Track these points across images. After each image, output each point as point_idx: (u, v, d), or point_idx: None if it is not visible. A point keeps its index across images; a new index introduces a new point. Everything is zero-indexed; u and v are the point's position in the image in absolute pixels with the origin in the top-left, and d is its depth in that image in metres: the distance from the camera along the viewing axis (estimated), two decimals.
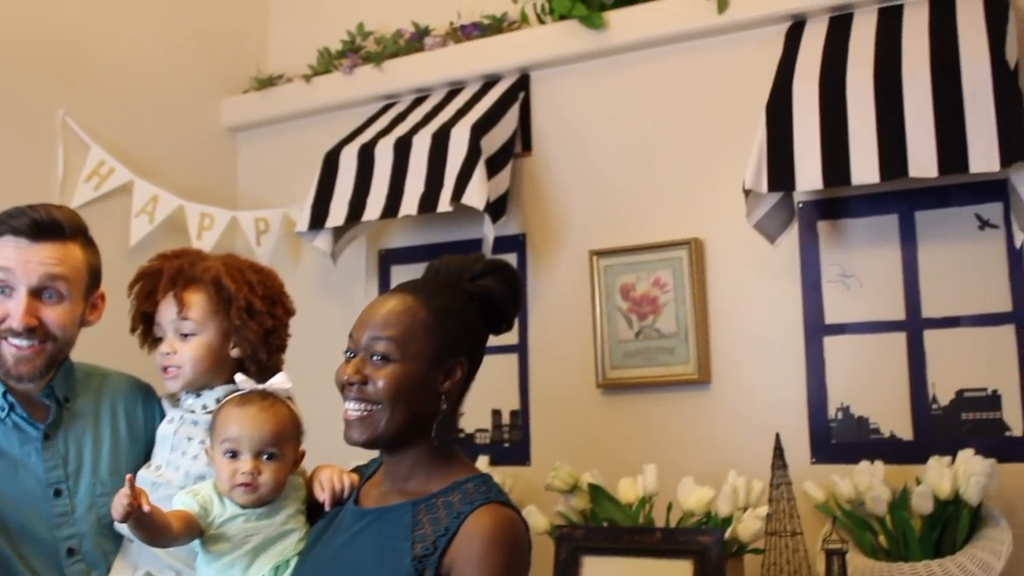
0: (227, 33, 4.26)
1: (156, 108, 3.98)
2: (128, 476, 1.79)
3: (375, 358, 1.74)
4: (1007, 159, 2.65)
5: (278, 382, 1.96)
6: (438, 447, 1.76)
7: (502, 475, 3.37)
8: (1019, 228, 2.82)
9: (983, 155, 2.68)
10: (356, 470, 1.98)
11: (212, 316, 2.12)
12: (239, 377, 1.97)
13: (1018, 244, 2.87)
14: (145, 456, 2.14)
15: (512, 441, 3.60)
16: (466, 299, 1.81)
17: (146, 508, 1.75)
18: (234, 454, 1.89)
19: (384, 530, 1.73)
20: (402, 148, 3.51)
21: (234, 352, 2.12)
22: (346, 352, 1.79)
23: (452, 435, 1.80)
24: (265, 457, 1.89)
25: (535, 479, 3.39)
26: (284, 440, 1.91)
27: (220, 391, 2.05)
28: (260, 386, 1.95)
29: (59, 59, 3.66)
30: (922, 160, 2.74)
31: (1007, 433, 2.94)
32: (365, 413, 1.73)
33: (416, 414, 1.74)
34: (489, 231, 3.36)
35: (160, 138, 3.98)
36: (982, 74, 2.74)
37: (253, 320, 2.12)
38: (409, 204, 3.41)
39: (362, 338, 1.76)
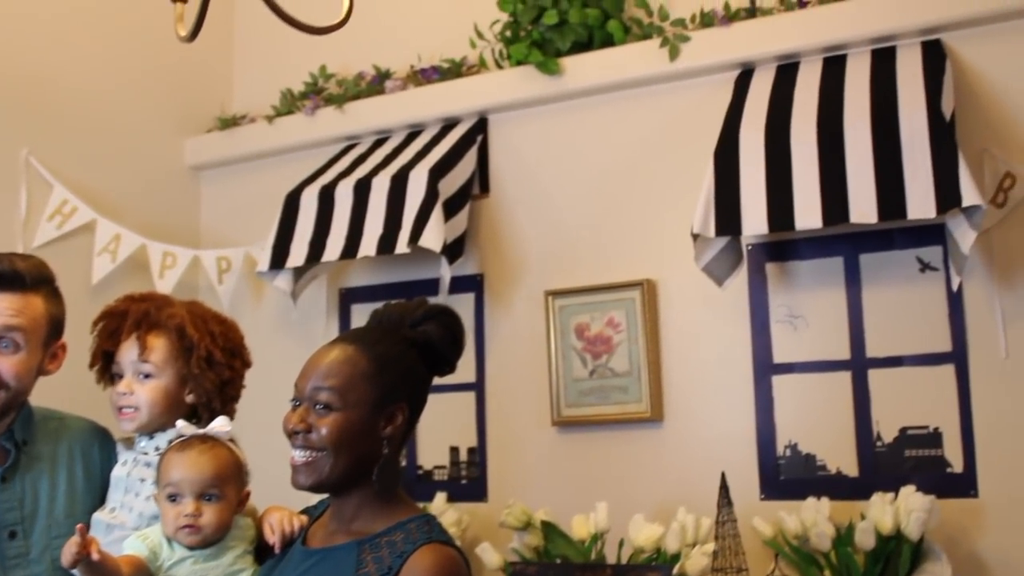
0: (191, 73, 4.30)
1: (120, 147, 4.03)
2: (79, 525, 1.83)
3: (318, 407, 1.80)
4: (942, 206, 2.75)
5: (218, 425, 2.02)
6: (377, 489, 1.82)
7: (459, 511, 3.43)
8: (956, 272, 2.92)
9: (920, 202, 2.78)
10: (305, 511, 2.03)
11: (172, 361, 2.17)
12: (180, 423, 2.02)
13: (955, 287, 2.97)
14: (101, 499, 2.17)
15: (469, 478, 3.65)
16: (406, 346, 1.87)
17: (95, 557, 1.79)
18: (176, 497, 1.93)
19: (330, 569, 1.78)
20: (362, 190, 3.58)
21: (189, 398, 2.17)
22: (292, 401, 1.85)
23: (394, 478, 1.86)
24: (207, 499, 1.93)
25: (492, 515, 3.44)
26: (225, 481, 1.95)
27: (173, 433, 2.10)
28: (200, 431, 2.00)
29: (23, 98, 3.70)
30: (862, 207, 2.83)
31: (948, 469, 3.02)
32: (310, 459, 1.79)
33: (359, 459, 1.80)
34: (446, 272, 3.42)
35: (123, 177, 4.02)
36: (919, 124, 2.84)
37: (211, 370, 2.17)
38: (368, 245, 3.47)
39: (306, 388, 1.82)
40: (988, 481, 2.98)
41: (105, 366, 2.24)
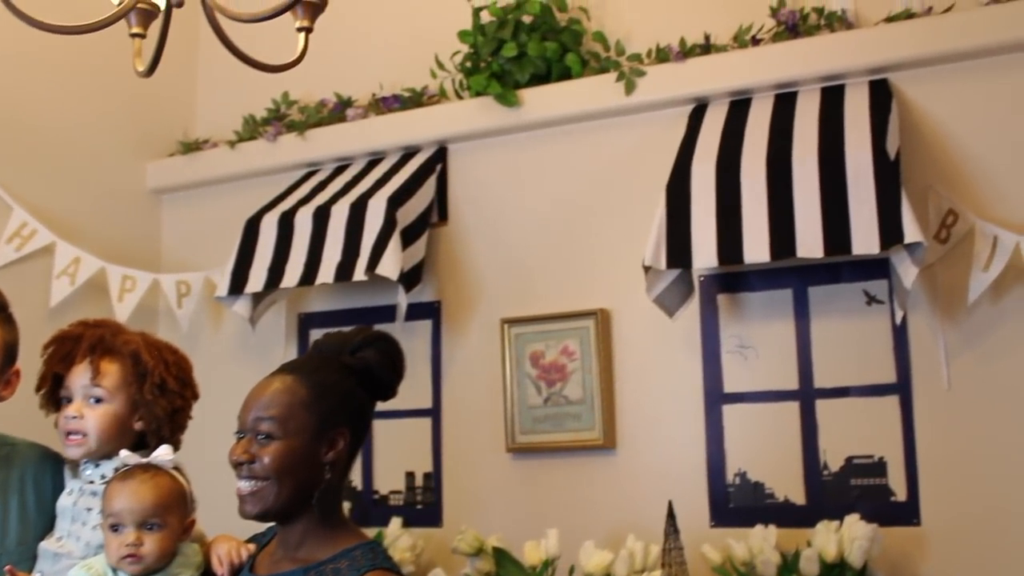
0: (154, 97, 4.31)
1: (80, 170, 4.03)
2: (8, 567, 1.84)
3: (260, 437, 1.84)
4: (886, 242, 2.83)
5: (161, 454, 2.04)
6: (319, 515, 1.86)
7: (414, 536, 3.46)
8: (900, 306, 3.00)
9: (864, 238, 2.85)
10: (253, 539, 2.06)
11: (124, 387, 2.19)
12: (123, 453, 2.04)
13: (898, 320, 3.05)
14: (52, 525, 2.19)
15: (425, 503, 3.68)
16: (345, 373, 1.92)
17: None
18: (118, 527, 1.96)
19: None
20: (321, 217, 3.62)
21: (138, 425, 2.18)
22: (236, 433, 1.88)
23: (334, 503, 1.90)
24: (148, 528, 1.96)
25: (446, 540, 3.46)
26: (166, 510, 1.98)
27: (118, 462, 2.11)
28: (143, 459, 2.02)
29: None
30: (809, 242, 2.90)
31: (892, 498, 3.09)
32: (255, 488, 1.83)
33: (302, 485, 1.84)
34: (402, 300, 3.46)
35: (84, 200, 4.03)
36: (864, 163, 2.92)
37: (164, 397, 2.19)
38: (326, 272, 3.51)
39: (248, 419, 1.86)
40: (930, 510, 3.05)
41: (53, 390, 2.24)
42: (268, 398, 1.86)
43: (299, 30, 2.17)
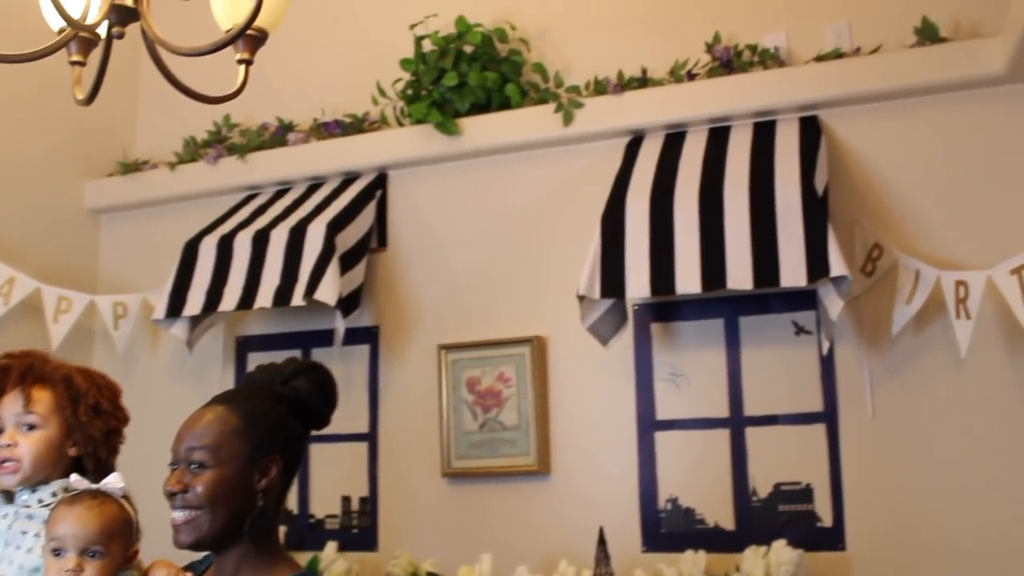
0: (94, 117, 4.23)
1: (17, 188, 4.00)
2: None
3: (193, 466, 1.86)
4: (813, 275, 2.91)
5: (112, 481, 2.04)
6: (253, 543, 1.88)
7: (350, 561, 3.47)
8: (826, 336, 3.09)
9: (792, 271, 2.93)
10: (190, 567, 2.07)
11: (58, 412, 2.19)
12: (74, 477, 2.04)
13: (824, 351, 3.14)
14: None
15: (361, 527, 3.69)
16: (276, 402, 1.95)
17: None
18: (60, 552, 1.95)
19: None
20: (260, 241, 3.63)
21: (72, 450, 2.19)
22: (170, 464, 1.90)
23: (267, 531, 1.92)
24: (90, 555, 1.95)
25: (382, 565, 3.49)
26: (110, 538, 1.97)
27: (55, 485, 2.11)
28: (93, 486, 2.02)
29: None
30: (739, 274, 2.98)
31: (818, 524, 3.17)
32: (189, 518, 1.84)
33: (235, 514, 1.86)
34: (340, 325, 3.48)
35: (19, 218, 3.99)
36: (793, 198, 3.00)
37: (99, 418, 2.20)
38: (264, 297, 3.52)
39: (180, 449, 1.88)
40: (855, 535, 3.13)
41: None
42: (200, 428, 1.88)
43: (240, 62, 2.20)
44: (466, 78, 3.62)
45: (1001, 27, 3.07)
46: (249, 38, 2.16)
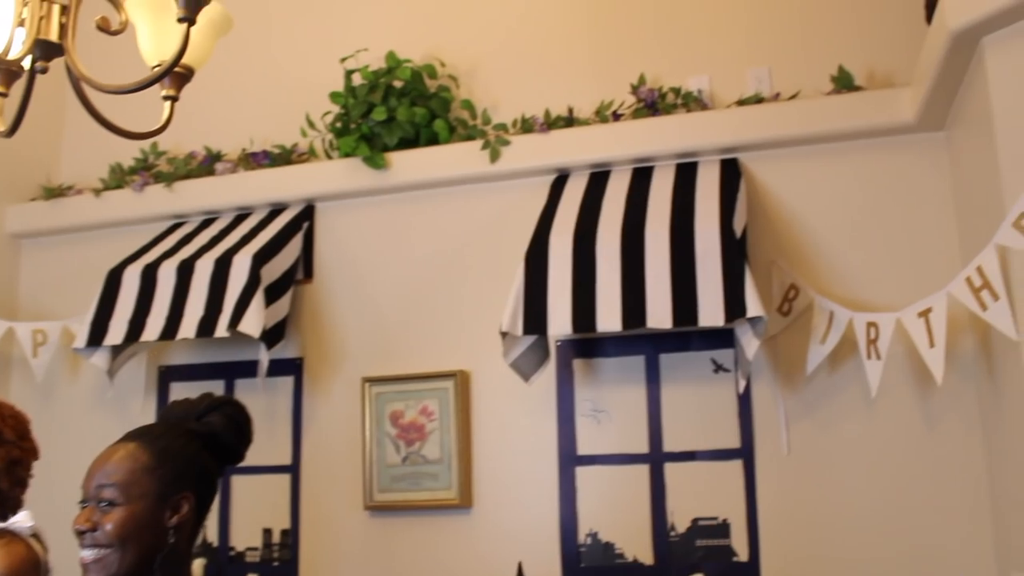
0: (17, 139, 4.09)
1: None
2: None
3: (102, 504, 1.85)
4: (730, 316, 2.97)
5: (19, 520, 2.03)
6: None
7: None
8: (742, 375, 3.16)
9: (710, 311, 2.99)
10: None
11: None
12: None
13: (740, 390, 3.21)
14: None
15: (281, 560, 3.67)
16: (189, 438, 1.95)
17: None
18: None
19: None
20: (185, 271, 3.61)
21: None
22: (80, 502, 1.89)
23: (181, 568, 1.91)
24: None
25: None
26: None
27: None
28: (1, 524, 2.00)
29: None
30: (659, 313, 3.03)
31: (735, 559, 3.23)
32: (99, 556, 1.83)
33: (146, 551, 1.85)
34: (264, 357, 3.48)
35: None
36: (712, 239, 3.07)
37: (1, 447, 2.18)
38: (188, 327, 3.49)
39: (90, 487, 1.87)
40: (770, 570, 3.19)
41: None
42: (110, 466, 1.88)
43: (165, 98, 2.21)
44: (395, 113, 3.65)
45: (911, 78, 3.18)
46: (176, 75, 2.17)
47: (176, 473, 1.89)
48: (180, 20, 1.91)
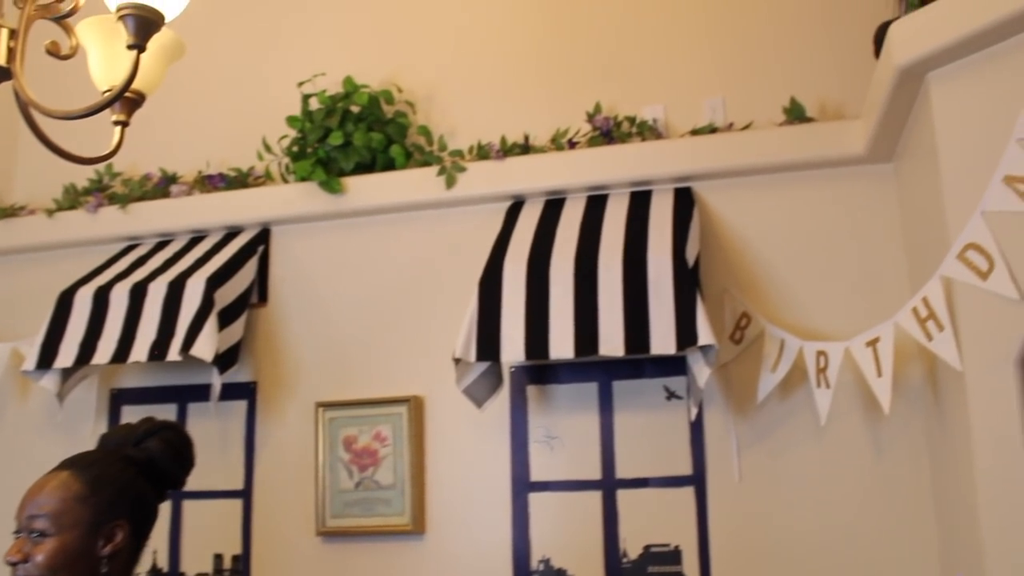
0: None
1: None
2: None
3: (34, 535, 1.84)
4: (682, 344, 3.00)
5: None
6: None
7: None
8: (694, 403, 3.18)
9: (662, 339, 3.01)
10: None
11: None
12: None
13: (692, 417, 3.23)
14: None
15: None
16: (125, 464, 1.93)
17: None
18: None
19: None
20: (137, 294, 3.58)
21: None
22: (14, 533, 1.87)
23: None
24: None
25: None
26: None
27: None
28: None
29: None
30: (611, 340, 3.05)
31: None
32: None
33: None
34: (216, 381, 3.46)
35: None
36: (665, 268, 3.09)
37: None
38: (140, 351, 3.47)
39: (23, 518, 1.86)
40: None
41: None
42: (42, 496, 1.86)
43: (115, 123, 2.20)
44: (351, 138, 3.65)
45: (861, 110, 3.23)
46: (126, 101, 2.17)
47: (110, 501, 1.88)
48: (130, 47, 1.91)
